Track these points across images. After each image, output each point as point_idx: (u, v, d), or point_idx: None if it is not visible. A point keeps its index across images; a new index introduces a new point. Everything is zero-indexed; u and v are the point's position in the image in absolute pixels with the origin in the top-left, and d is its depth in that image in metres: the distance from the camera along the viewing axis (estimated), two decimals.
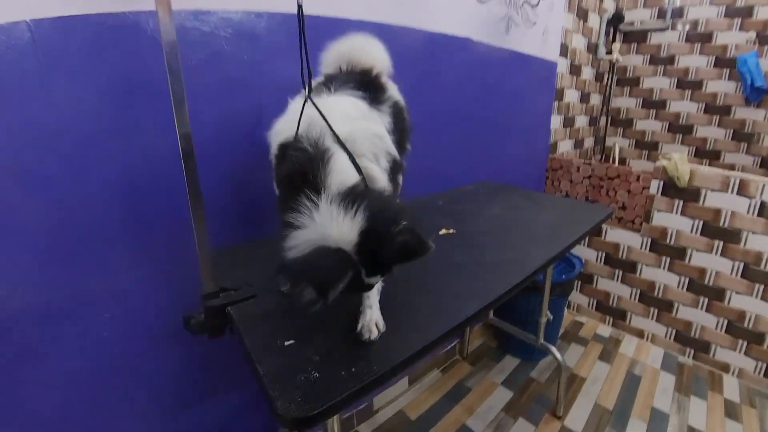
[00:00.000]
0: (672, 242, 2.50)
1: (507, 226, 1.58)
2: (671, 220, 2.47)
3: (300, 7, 1.03)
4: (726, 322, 2.37)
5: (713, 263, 2.37)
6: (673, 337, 2.61)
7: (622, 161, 3.73)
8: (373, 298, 0.91)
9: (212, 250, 1.09)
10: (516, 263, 1.24)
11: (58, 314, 1.08)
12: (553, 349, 2.03)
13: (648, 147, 3.68)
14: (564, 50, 2.86)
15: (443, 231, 1.49)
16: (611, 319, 2.87)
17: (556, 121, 3.00)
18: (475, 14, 2.09)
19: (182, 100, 0.88)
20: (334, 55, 1.20)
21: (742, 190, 2.20)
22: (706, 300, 2.43)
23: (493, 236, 1.46)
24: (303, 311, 0.70)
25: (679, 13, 3.29)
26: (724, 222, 2.28)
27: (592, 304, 2.95)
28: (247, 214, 1.40)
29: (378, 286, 0.92)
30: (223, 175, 1.30)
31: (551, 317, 2.07)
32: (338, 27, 1.46)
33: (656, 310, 2.65)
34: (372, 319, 0.88)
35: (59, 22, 0.96)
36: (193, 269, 1.03)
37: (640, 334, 2.75)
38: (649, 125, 3.63)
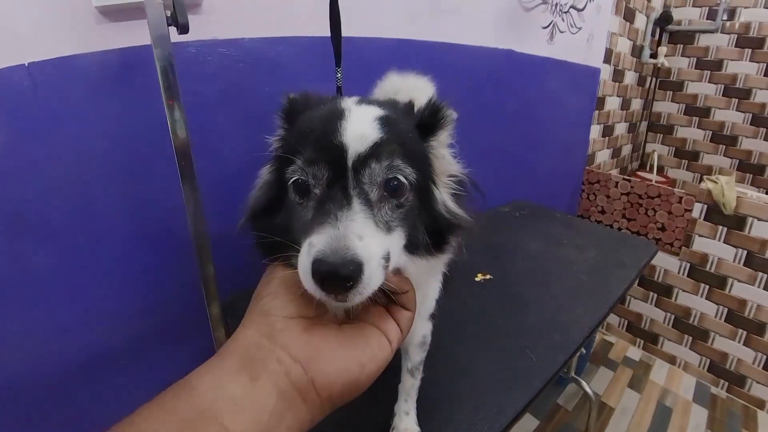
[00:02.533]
0: (712, 270, 2.37)
1: (548, 270, 1.49)
2: (713, 247, 2.34)
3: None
4: (765, 357, 2.26)
5: (755, 296, 2.24)
6: (706, 367, 2.50)
7: (660, 170, 3.57)
8: (410, 402, 0.84)
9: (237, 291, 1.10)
10: (560, 330, 1.16)
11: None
12: (585, 384, 1.95)
13: (688, 156, 3.51)
14: (608, 56, 2.71)
15: (479, 276, 1.40)
16: (642, 342, 2.77)
17: (595, 131, 2.86)
18: (519, 24, 1.97)
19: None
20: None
21: None
22: (745, 333, 2.31)
23: (534, 286, 1.37)
24: None
25: (730, 14, 3.08)
26: None
27: (623, 325, 2.85)
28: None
29: (416, 384, 0.84)
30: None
31: (584, 351, 1.98)
32: (373, 46, 1.41)
33: (690, 338, 2.54)
34: (407, 430, 0.81)
35: (60, 63, 0.89)
36: None
37: (672, 360, 2.65)
38: (691, 133, 3.46)
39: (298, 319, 0.43)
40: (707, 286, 2.42)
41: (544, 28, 2.12)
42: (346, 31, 1.32)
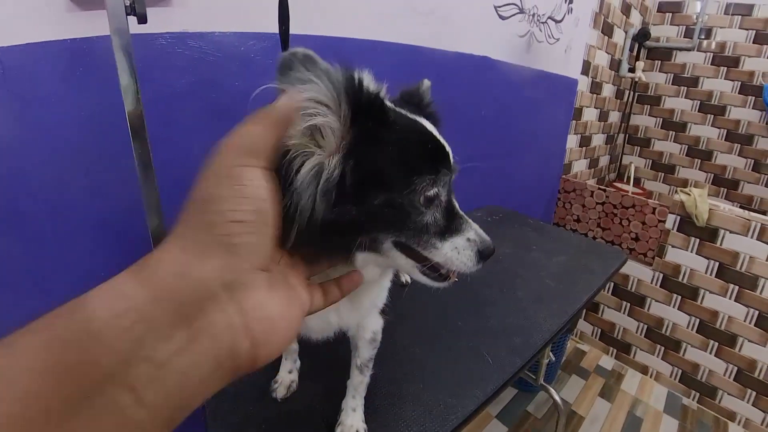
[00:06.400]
0: (684, 280, 2.39)
1: (515, 273, 1.48)
2: (685, 258, 2.36)
3: None
4: (736, 369, 2.27)
5: (726, 308, 2.26)
6: (678, 378, 2.51)
7: (637, 181, 3.60)
8: (358, 399, 0.82)
9: None
10: (522, 333, 1.15)
11: None
12: (553, 391, 1.94)
13: (665, 169, 3.57)
14: (586, 68, 2.74)
15: None
16: (615, 351, 2.78)
17: (572, 141, 2.89)
18: (496, 32, 1.98)
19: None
20: None
21: (764, 235, 2.08)
22: (717, 344, 2.33)
23: (499, 289, 1.37)
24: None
25: (706, 33, 3.16)
26: (742, 266, 2.17)
27: (596, 333, 2.85)
28: None
29: (365, 381, 0.83)
30: None
31: (553, 358, 1.98)
32: (345, 46, 1.42)
33: (663, 348, 2.55)
34: (353, 426, 0.79)
35: (30, 49, 0.88)
36: None
37: (644, 370, 2.65)
38: (667, 147, 3.52)
39: (263, 273, 0.35)
40: (679, 297, 2.43)
41: (521, 37, 2.14)
42: (315, 30, 1.33)
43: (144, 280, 0.30)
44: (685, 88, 3.34)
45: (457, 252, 0.54)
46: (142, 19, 0.86)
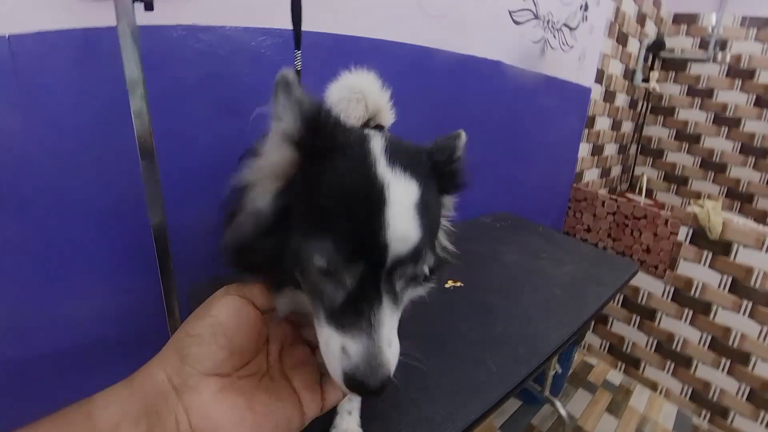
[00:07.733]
0: (697, 295, 2.33)
1: (522, 281, 1.44)
2: (698, 272, 2.31)
3: None
4: (749, 389, 2.20)
5: (740, 324, 2.20)
6: (689, 396, 2.44)
7: (649, 193, 3.55)
8: (354, 402, 0.79)
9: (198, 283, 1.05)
10: (527, 342, 1.11)
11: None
12: (559, 405, 1.90)
13: (678, 181, 3.51)
14: (600, 76, 2.70)
15: (449, 283, 1.36)
16: (623, 366, 2.72)
17: (584, 149, 2.84)
18: (509, 36, 1.96)
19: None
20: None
21: None
22: (729, 362, 2.26)
23: (505, 297, 1.32)
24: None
25: (722, 45, 3.11)
26: (756, 282, 2.11)
27: (605, 346, 2.79)
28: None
29: None
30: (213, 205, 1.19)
31: (560, 370, 1.93)
32: (364, 46, 1.42)
33: (673, 364, 2.49)
34: (347, 430, 0.76)
35: (40, 38, 0.88)
36: None
37: (653, 386, 2.59)
38: (681, 159, 3.46)
39: (213, 377, 0.41)
40: (691, 311, 2.37)
41: (535, 43, 2.11)
42: (327, 28, 1.32)
43: (129, 383, 0.40)
44: (700, 99, 3.29)
45: (326, 345, 0.44)
46: (149, 6, 0.87)
